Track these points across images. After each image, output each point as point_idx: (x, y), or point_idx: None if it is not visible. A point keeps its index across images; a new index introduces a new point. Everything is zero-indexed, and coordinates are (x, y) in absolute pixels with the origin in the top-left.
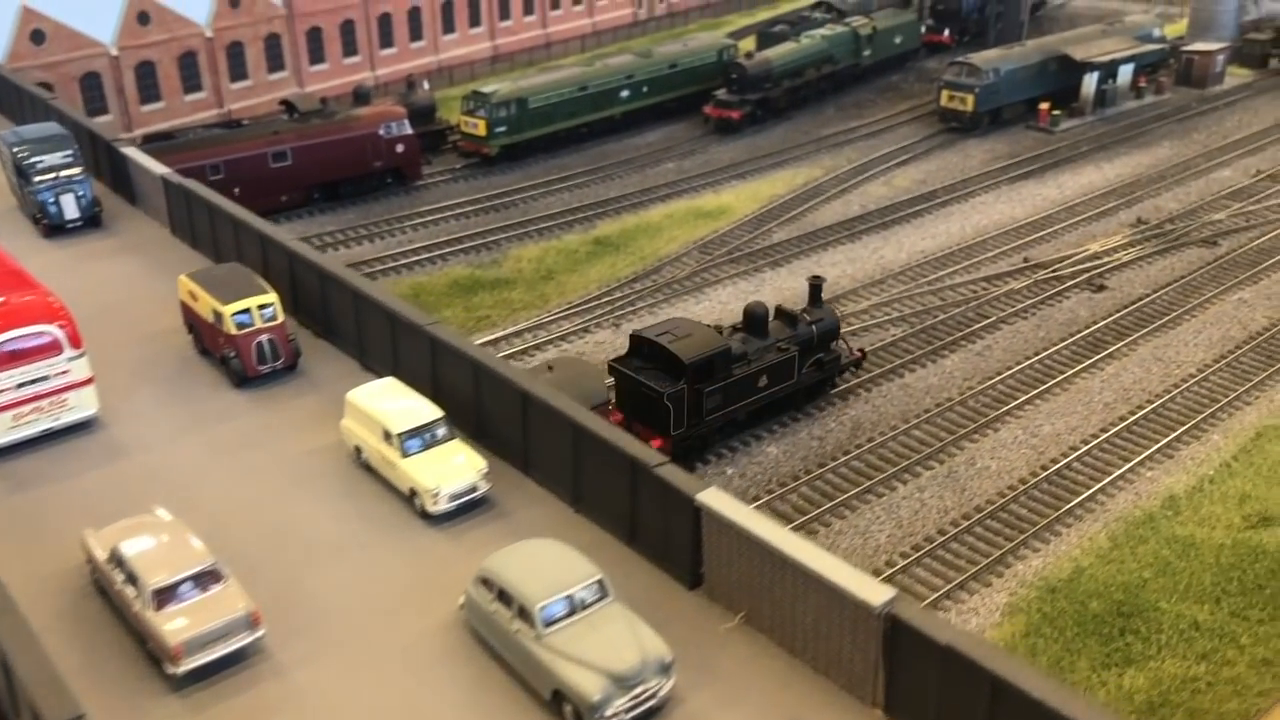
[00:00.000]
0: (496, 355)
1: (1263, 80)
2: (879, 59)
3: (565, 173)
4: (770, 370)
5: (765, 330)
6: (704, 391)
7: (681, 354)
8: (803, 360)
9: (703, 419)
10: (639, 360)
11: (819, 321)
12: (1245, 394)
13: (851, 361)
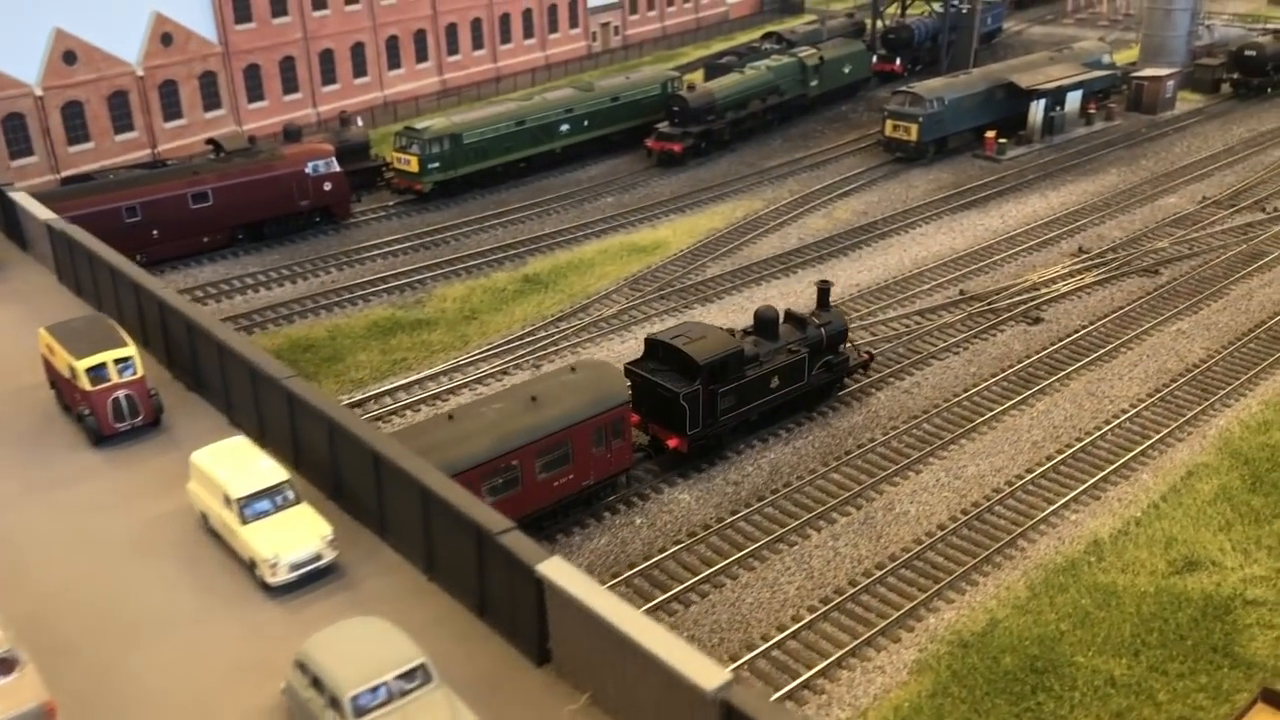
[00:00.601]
0: (352, 411)
1: (1214, 105)
2: (828, 89)
3: (501, 208)
4: (781, 372)
5: (776, 333)
6: (718, 392)
7: (696, 355)
8: (812, 362)
9: (717, 419)
10: (654, 362)
11: (827, 324)
12: (1178, 430)
13: (860, 363)
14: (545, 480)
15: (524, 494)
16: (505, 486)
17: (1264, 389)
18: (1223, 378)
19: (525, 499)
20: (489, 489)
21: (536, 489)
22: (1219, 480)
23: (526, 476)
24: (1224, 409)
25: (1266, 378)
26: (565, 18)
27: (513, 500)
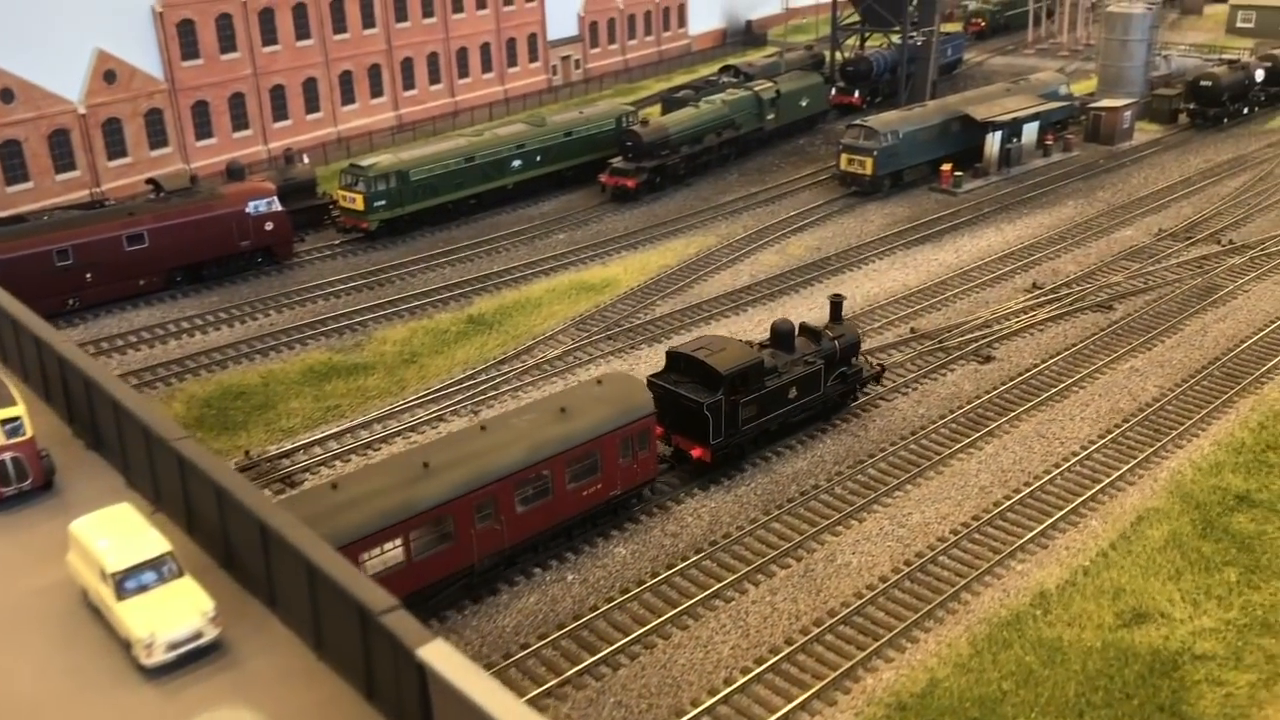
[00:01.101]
0: (242, 476)
1: (1171, 136)
2: (785, 122)
3: (449, 246)
4: (799, 383)
5: (792, 345)
6: (739, 402)
7: (718, 366)
8: (828, 373)
9: (739, 429)
10: (675, 375)
11: (840, 337)
12: (1129, 473)
13: (872, 375)
14: (574, 490)
15: (554, 503)
16: (536, 496)
17: (1216, 429)
18: (1175, 417)
19: (555, 508)
20: (521, 498)
21: (566, 498)
22: (1170, 526)
23: (557, 486)
24: (1176, 450)
25: (1219, 417)
26: (524, 51)
27: (543, 510)
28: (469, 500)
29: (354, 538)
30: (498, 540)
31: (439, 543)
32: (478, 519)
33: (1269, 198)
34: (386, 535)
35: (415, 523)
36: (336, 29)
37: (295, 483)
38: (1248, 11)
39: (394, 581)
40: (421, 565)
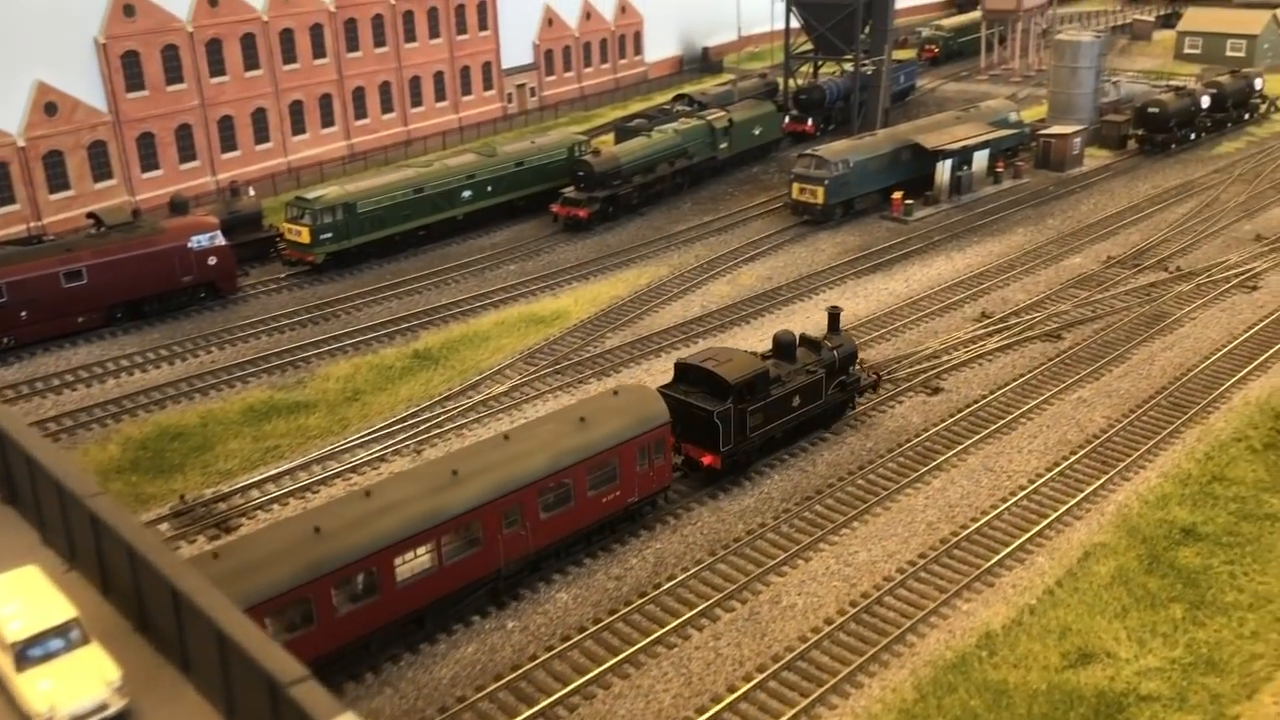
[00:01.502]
0: (157, 535)
1: (1120, 162)
2: (738, 151)
3: (397, 279)
4: (802, 391)
5: (794, 355)
6: (747, 410)
7: (727, 376)
8: (828, 382)
9: (747, 436)
10: (684, 385)
11: (839, 347)
12: (1076, 507)
13: (869, 383)
14: (595, 497)
15: (575, 510)
16: (559, 502)
17: (1163, 460)
18: (1123, 449)
19: (576, 515)
20: (544, 505)
21: (587, 505)
22: (1116, 561)
23: (578, 493)
24: (1123, 482)
25: (1166, 448)
26: (479, 79)
27: (565, 516)
28: (497, 506)
29: (388, 543)
30: (523, 545)
31: (467, 548)
32: (505, 524)
33: (1215, 224)
34: (419, 540)
35: (446, 528)
36: (286, 59)
37: (231, 528)
38: (1194, 38)
39: (425, 586)
40: (451, 570)
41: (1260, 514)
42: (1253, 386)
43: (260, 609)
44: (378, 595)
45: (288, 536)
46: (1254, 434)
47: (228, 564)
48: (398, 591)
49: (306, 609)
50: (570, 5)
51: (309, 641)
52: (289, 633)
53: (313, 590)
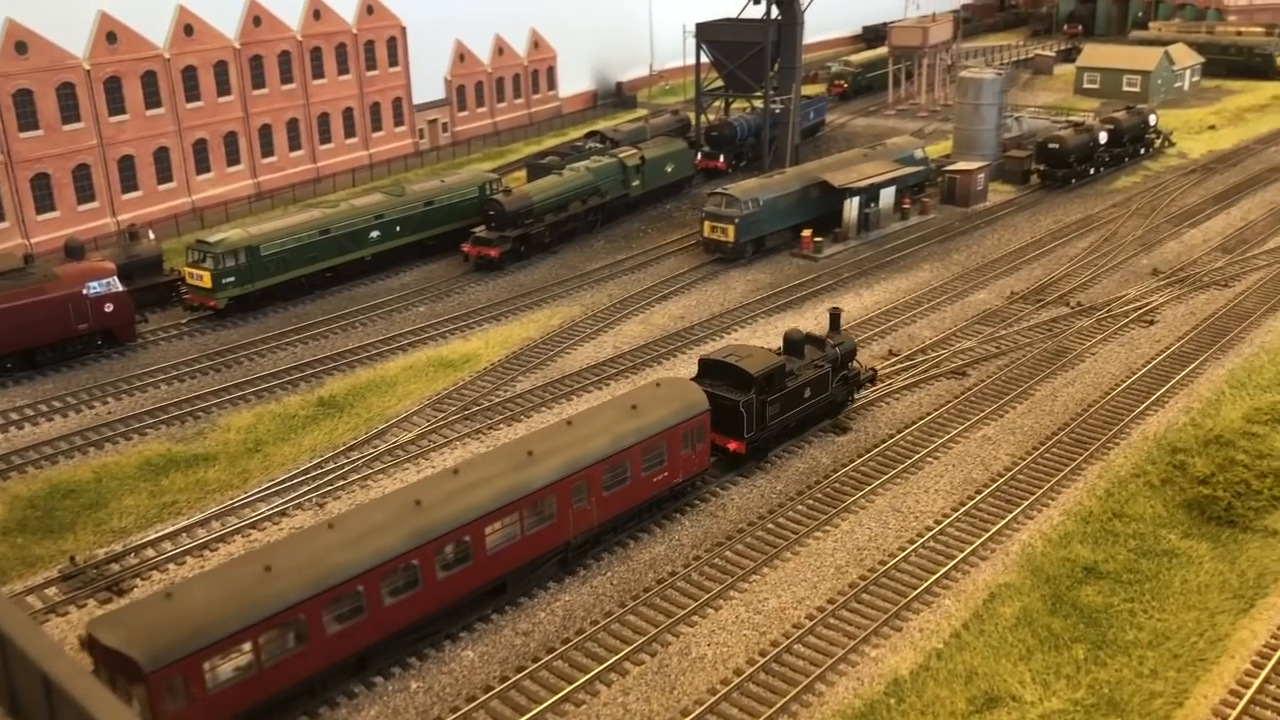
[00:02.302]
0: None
1: (1023, 196)
2: (650, 188)
3: (302, 323)
4: (812, 384)
5: (803, 352)
6: (767, 401)
7: (750, 369)
8: (832, 376)
9: (766, 424)
10: (708, 379)
11: (841, 344)
12: (982, 547)
13: (866, 378)
14: (647, 476)
15: (631, 488)
16: (618, 481)
17: (1065, 497)
18: (1026, 487)
19: (632, 492)
20: (605, 483)
21: (640, 484)
22: (1021, 602)
23: (634, 472)
24: (1027, 521)
25: (1068, 485)
26: (389, 116)
27: (622, 495)
28: (568, 483)
29: (481, 514)
30: (588, 519)
31: (543, 521)
32: (574, 500)
33: (1114, 258)
34: (506, 511)
35: (527, 501)
36: (189, 97)
37: (124, 590)
38: (1093, 73)
39: (509, 554)
40: (530, 540)
41: (1158, 550)
42: (1150, 422)
43: (376, 572)
44: (471, 562)
45: (395, 507)
46: (1152, 469)
47: (341, 534)
48: (488, 559)
49: (413, 574)
50: (482, 41)
51: (414, 603)
52: (394, 596)
53: (419, 556)
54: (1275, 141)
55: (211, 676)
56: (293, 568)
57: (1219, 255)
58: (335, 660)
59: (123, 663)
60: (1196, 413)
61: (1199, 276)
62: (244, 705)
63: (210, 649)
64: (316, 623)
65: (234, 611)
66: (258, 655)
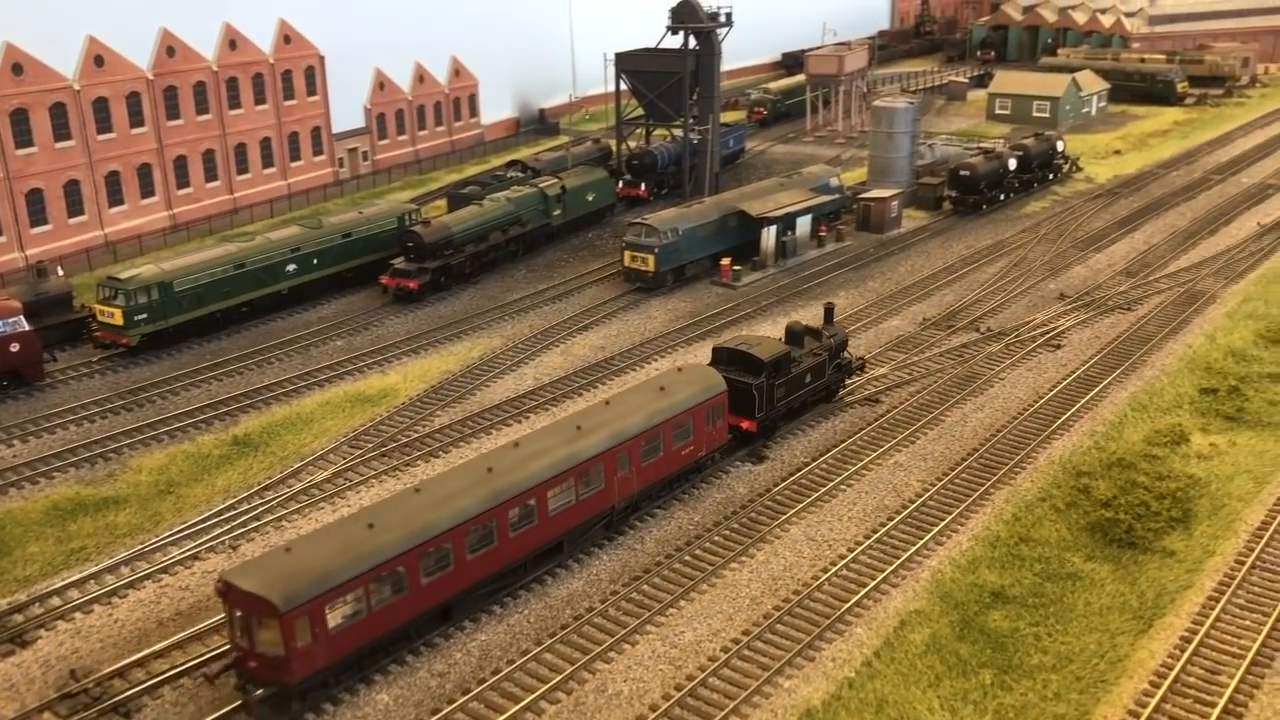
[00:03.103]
0: None
1: (936, 223)
2: (571, 217)
3: (217, 359)
4: (811, 370)
5: (803, 342)
6: (775, 384)
7: (760, 355)
8: (828, 363)
9: (774, 405)
10: (721, 366)
11: (834, 336)
12: (893, 574)
13: (856, 366)
14: (676, 450)
15: (663, 460)
16: (653, 452)
17: (974, 523)
18: (937, 513)
19: (665, 463)
20: (643, 454)
21: (671, 456)
22: (930, 629)
23: (666, 445)
24: (937, 547)
25: (976, 510)
26: (308, 145)
27: (656, 466)
28: (613, 453)
29: (544, 479)
30: (629, 487)
31: (592, 488)
32: (619, 468)
33: (1023, 283)
34: (564, 478)
35: (581, 469)
36: (101, 129)
37: (27, 641)
38: (1004, 99)
39: (566, 516)
40: (584, 504)
41: (1062, 573)
42: (1056, 446)
43: (460, 529)
44: (535, 522)
45: (471, 474)
46: (1057, 493)
47: (429, 495)
48: (549, 520)
49: (488, 531)
50: (403, 69)
51: (491, 559)
52: (474, 552)
53: (495, 515)
54: (1177, 166)
55: (331, 618)
56: (392, 525)
57: (1123, 279)
58: (426, 609)
59: (259, 604)
60: (1100, 436)
61: (1104, 300)
62: (355, 646)
63: (331, 593)
64: (414, 574)
65: (347, 562)
66: (368, 601)
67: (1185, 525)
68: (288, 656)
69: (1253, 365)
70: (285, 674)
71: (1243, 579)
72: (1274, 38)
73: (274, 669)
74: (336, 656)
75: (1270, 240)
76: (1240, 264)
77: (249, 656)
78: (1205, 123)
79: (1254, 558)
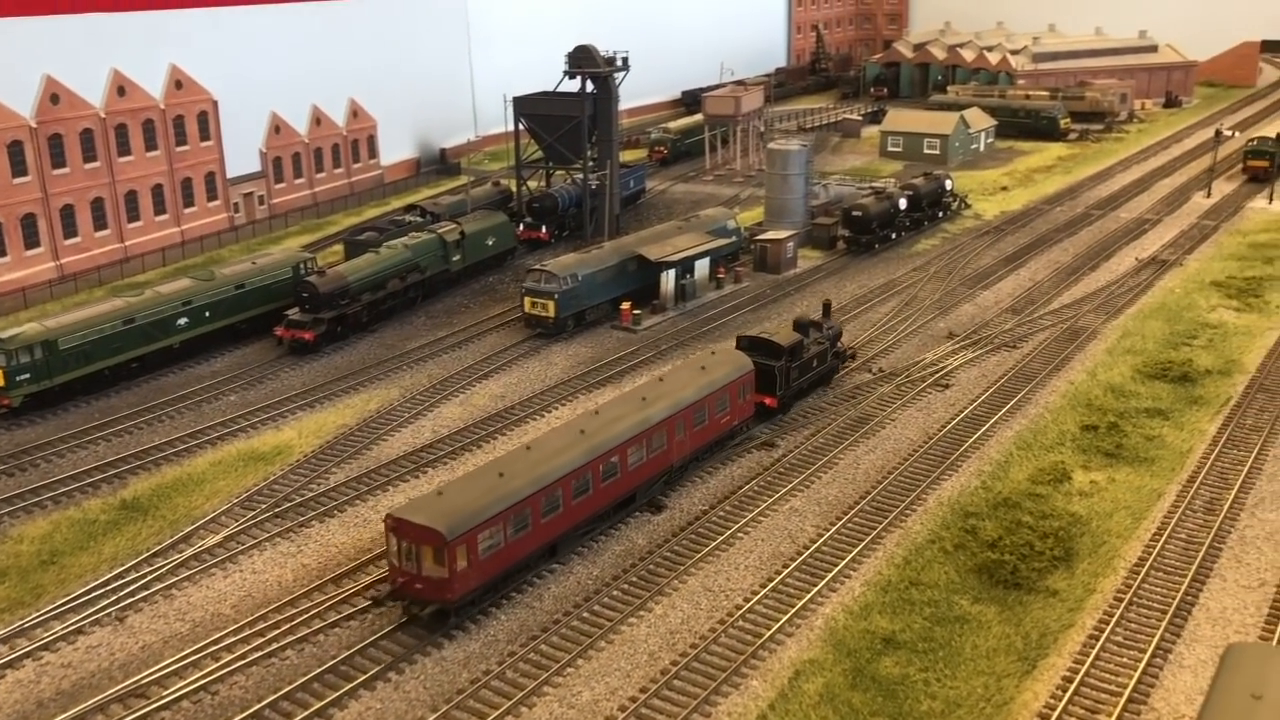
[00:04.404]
0: None
1: (831, 262)
2: (471, 262)
3: (106, 418)
4: (818, 355)
5: (809, 333)
6: (791, 366)
7: (781, 341)
8: (829, 351)
9: (790, 385)
10: (745, 351)
11: (832, 327)
12: (788, 624)
13: (849, 355)
14: (716, 418)
15: (707, 427)
16: (699, 421)
17: (866, 567)
18: (830, 558)
19: (707, 429)
20: (693, 421)
21: (713, 424)
22: (824, 678)
23: (710, 414)
24: (830, 594)
25: (869, 554)
26: (202, 191)
27: (702, 431)
28: (672, 420)
29: (623, 440)
30: (684, 449)
31: (657, 448)
32: (676, 433)
33: (914, 322)
34: (638, 439)
35: (650, 432)
36: None
37: None
38: (896, 137)
39: (639, 472)
40: (651, 462)
41: (951, 617)
42: (945, 487)
43: (569, 478)
44: (618, 475)
45: (569, 434)
46: (946, 535)
47: (540, 452)
48: (628, 473)
49: (586, 481)
50: (299, 111)
51: (586, 504)
52: (576, 498)
53: (591, 468)
54: (1060, 201)
55: (481, 547)
56: (517, 474)
57: (1009, 316)
58: (542, 544)
59: (427, 534)
60: (987, 475)
61: (991, 338)
62: (495, 571)
63: (481, 526)
64: (536, 513)
65: (490, 502)
66: (504, 533)
67: (1067, 564)
68: (449, 578)
69: (1130, 400)
70: (447, 592)
71: (1121, 616)
72: (1149, 75)
73: (437, 589)
74: (483, 579)
75: (1147, 275)
76: (1119, 299)
77: (415, 580)
78: (1087, 158)
79: (1131, 594)
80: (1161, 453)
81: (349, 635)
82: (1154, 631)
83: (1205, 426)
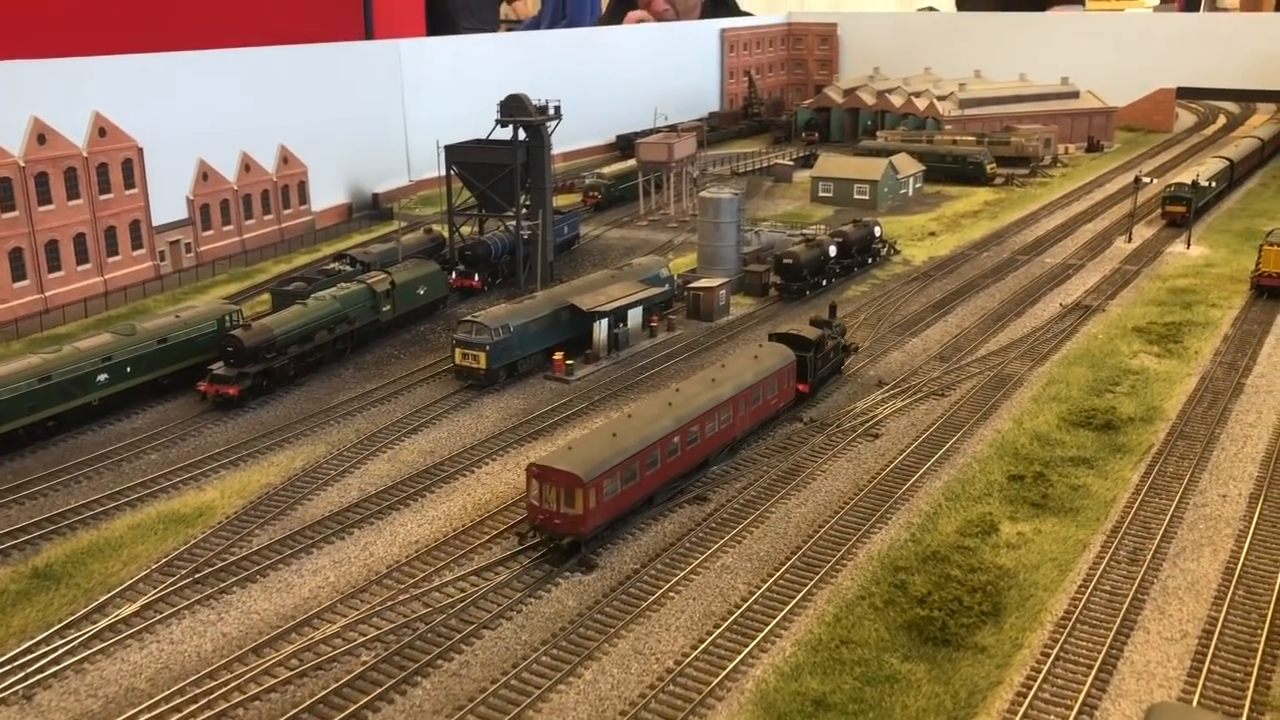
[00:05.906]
0: None
1: (763, 309)
2: (402, 311)
3: (18, 480)
4: (831, 349)
5: (825, 329)
6: (817, 357)
7: (809, 336)
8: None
9: (815, 373)
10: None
11: (837, 325)
12: (718, 687)
13: (854, 349)
14: (767, 400)
15: (761, 406)
16: (756, 399)
17: (796, 626)
18: (761, 617)
19: (762, 409)
20: (751, 400)
21: (765, 404)
22: None
23: (763, 395)
24: (761, 655)
25: (799, 613)
26: (127, 239)
27: (758, 410)
28: (737, 399)
29: (702, 412)
30: (744, 423)
31: (724, 422)
32: (739, 409)
33: (845, 370)
34: (713, 413)
35: (722, 407)
36: None
37: None
38: (827, 182)
39: (713, 440)
40: (721, 432)
41: (881, 676)
42: (875, 540)
43: (664, 440)
44: (698, 442)
45: (660, 405)
46: (876, 590)
47: (639, 419)
48: (705, 440)
49: (675, 445)
50: (226, 158)
51: (674, 465)
52: (667, 458)
53: (680, 433)
54: (987, 247)
55: (605, 490)
56: (626, 434)
57: (937, 364)
58: (643, 495)
59: (566, 478)
60: (916, 528)
61: (919, 386)
62: (613, 513)
63: (607, 473)
64: (642, 467)
65: (610, 455)
66: (620, 482)
67: (995, 618)
68: (584, 514)
69: (1056, 449)
70: (581, 526)
71: (1048, 672)
72: (1071, 120)
73: (573, 524)
74: (606, 518)
75: (1071, 321)
76: (1044, 345)
77: (554, 517)
78: (1013, 202)
79: (1057, 649)
80: (1086, 502)
81: (269, 708)
82: (1080, 687)
83: (1128, 475)
